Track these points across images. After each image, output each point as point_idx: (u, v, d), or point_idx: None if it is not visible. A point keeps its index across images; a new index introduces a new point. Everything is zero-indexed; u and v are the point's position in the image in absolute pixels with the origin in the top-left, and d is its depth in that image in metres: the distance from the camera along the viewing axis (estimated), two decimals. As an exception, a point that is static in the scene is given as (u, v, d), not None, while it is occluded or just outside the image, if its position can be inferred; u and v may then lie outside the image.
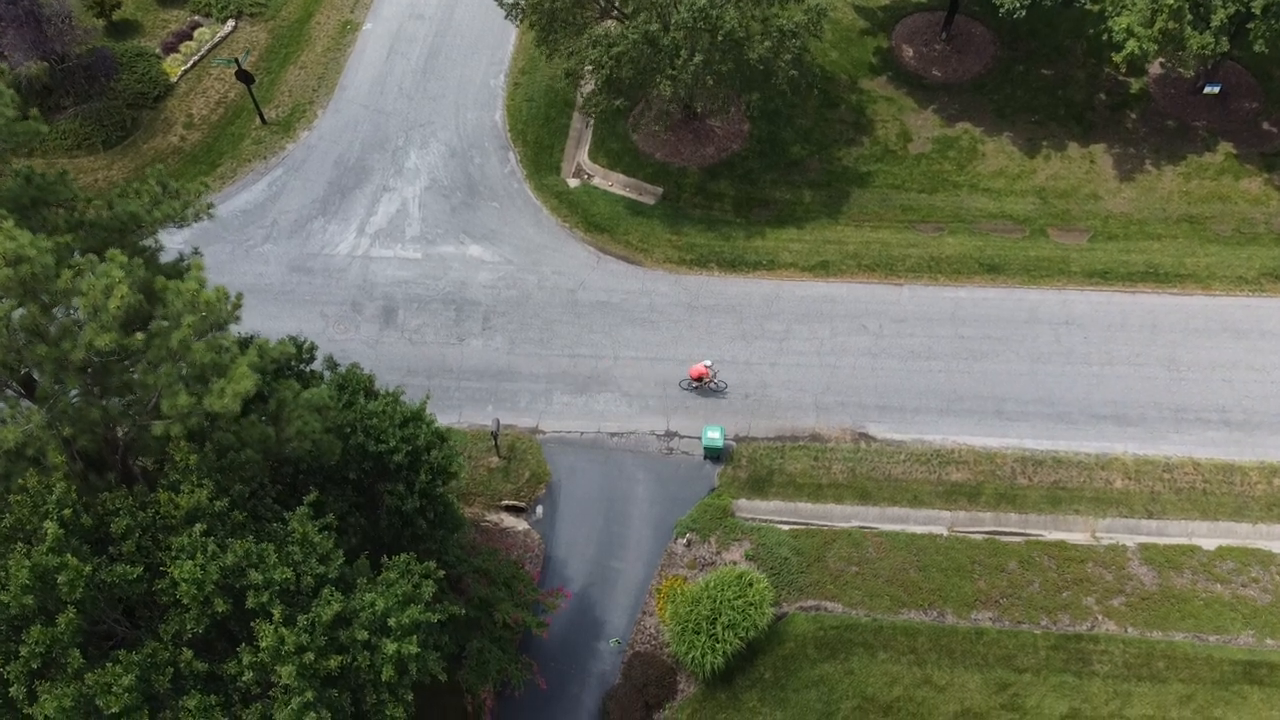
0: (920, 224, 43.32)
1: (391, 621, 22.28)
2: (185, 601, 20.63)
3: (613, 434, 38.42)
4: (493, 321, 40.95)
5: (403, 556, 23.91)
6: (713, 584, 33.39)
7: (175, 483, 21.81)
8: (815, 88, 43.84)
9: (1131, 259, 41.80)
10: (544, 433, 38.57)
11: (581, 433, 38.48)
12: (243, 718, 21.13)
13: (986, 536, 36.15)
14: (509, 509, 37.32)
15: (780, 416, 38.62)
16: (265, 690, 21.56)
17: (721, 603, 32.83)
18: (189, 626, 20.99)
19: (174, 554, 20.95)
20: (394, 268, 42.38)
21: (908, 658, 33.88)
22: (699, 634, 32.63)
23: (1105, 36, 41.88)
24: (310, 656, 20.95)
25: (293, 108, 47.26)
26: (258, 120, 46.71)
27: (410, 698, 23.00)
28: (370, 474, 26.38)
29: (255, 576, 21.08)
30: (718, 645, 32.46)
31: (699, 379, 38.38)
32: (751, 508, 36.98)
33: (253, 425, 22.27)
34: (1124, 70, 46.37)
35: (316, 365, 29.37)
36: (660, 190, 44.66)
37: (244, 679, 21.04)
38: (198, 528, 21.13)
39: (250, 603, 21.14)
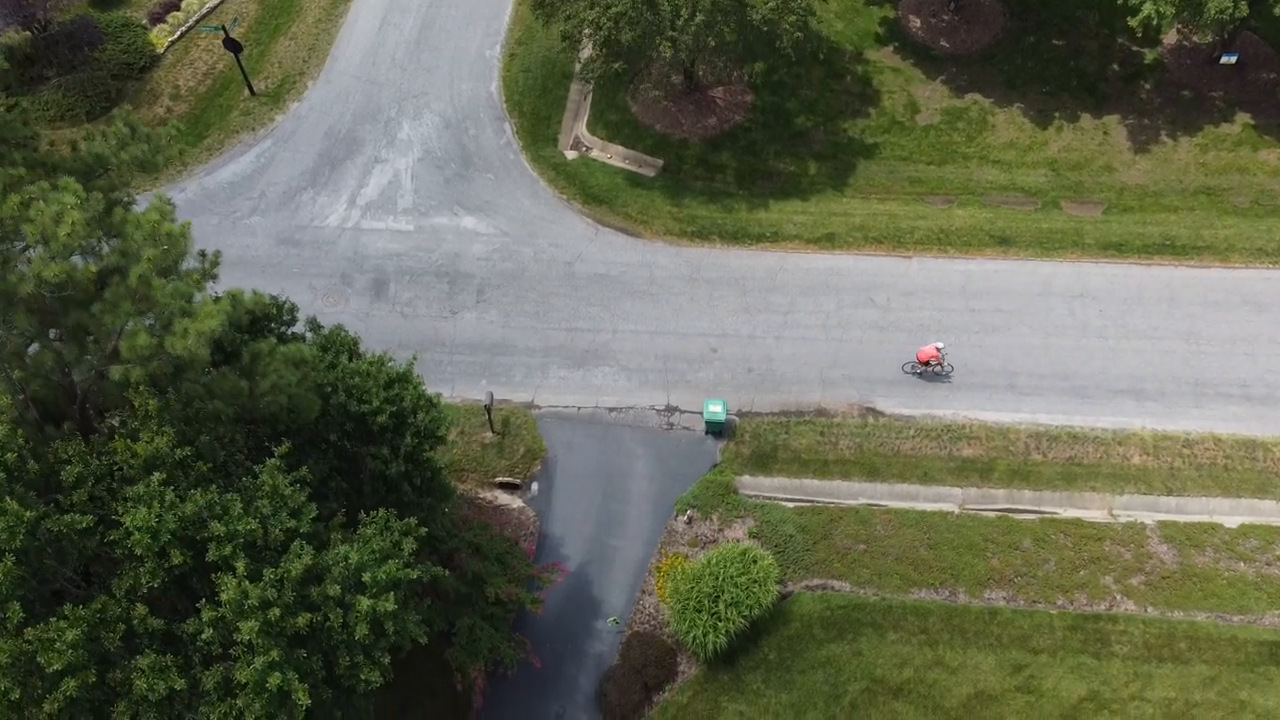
0: (929, 196, 41.96)
1: (366, 577, 20.84)
2: (139, 553, 19.21)
3: (611, 409, 37.03)
4: (487, 294, 39.59)
5: (381, 512, 22.50)
6: (715, 561, 31.99)
7: (134, 431, 20.40)
8: (821, 53, 42.54)
9: (1148, 231, 40.43)
10: (539, 408, 37.18)
11: (579, 408, 37.09)
12: (202, 681, 19.68)
13: (999, 514, 34.75)
14: (503, 486, 35.92)
15: (785, 391, 37.23)
16: (228, 651, 20.12)
17: (724, 580, 31.44)
18: (144, 581, 19.58)
19: (128, 503, 19.53)
20: (385, 240, 41.04)
21: (918, 638, 32.46)
22: (700, 612, 31.22)
23: (1120, 1, 40.56)
24: (276, 613, 19.53)
25: (282, 79, 45.95)
26: (246, 92, 45.39)
27: (387, 661, 21.51)
28: (352, 436, 24.97)
29: (217, 528, 19.67)
30: (720, 624, 31.05)
31: (927, 363, 36.34)
32: (755, 484, 35.58)
33: (224, 377, 20.90)
34: (1139, 39, 45.04)
35: (299, 329, 27.99)
36: (660, 162, 43.32)
37: (203, 638, 19.61)
38: (156, 476, 19.73)
39: (211, 555, 19.71)
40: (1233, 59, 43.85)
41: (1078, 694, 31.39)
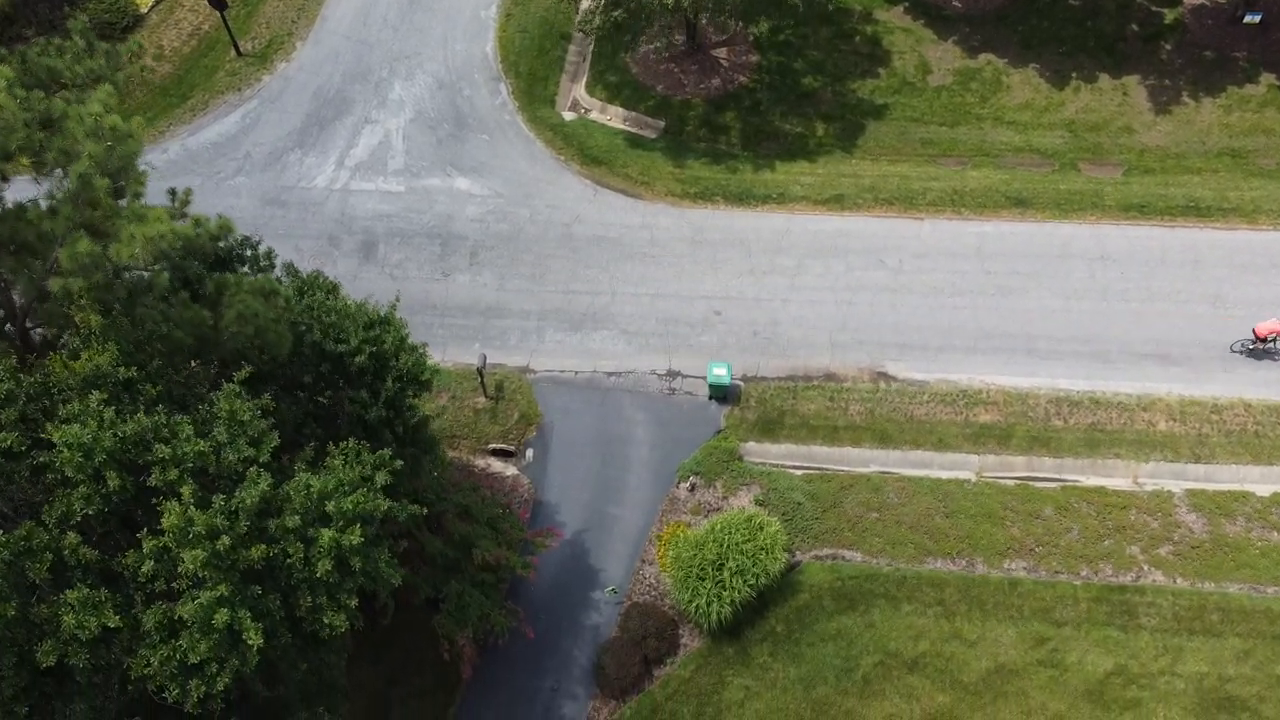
0: (941, 158, 40.28)
1: (330, 507, 18.98)
2: (70, 474, 17.38)
3: (610, 373, 35.29)
4: (481, 256, 37.89)
5: (351, 441, 20.67)
6: (719, 527, 30.22)
7: (76, 350, 18.63)
8: (830, 4, 40.90)
9: (1170, 193, 38.72)
10: (535, 372, 35.45)
11: (576, 372, 35.35)
12: (142, 621, 17.79)
13: (1018, 482, 32.98)
14: (496, 453, 34.16)
15: (792, 355, 35.49)
16: (173, 589, 18.21)
17: (729, 547, 29.66)
18: (77, 508, 17.76)
19: (61, 420, 17.72)
20: (375, 201, 39.36)
21: (934, 610, 30.67)
22: (704, 581, 29.44)
23: (1141, -46, 38.99)
24: (225, 542, 17.68)
25: (270, 39, 44.33)
26: (233, 52, 43.78)
27: (354, 604, 19.55)
28: (328, 379, 23.16)
29: (162, 451, 17.87)
30: (724, 593, 29.27)
31: (1266, 339, 33.78)
32: (761, 451, 33.82)
33: (184, 305, 19.17)
34: (1158, -1, 43.43)
35: (276, 274, 26.26)
36: (662, 124, 41.66)
37: (144, 571, 17.75)
38: (95, 396, 17.96)
39: (154, 480, 17.90)
40: (1257, 18, 42.21)
41: (1104, 668, 29.59)
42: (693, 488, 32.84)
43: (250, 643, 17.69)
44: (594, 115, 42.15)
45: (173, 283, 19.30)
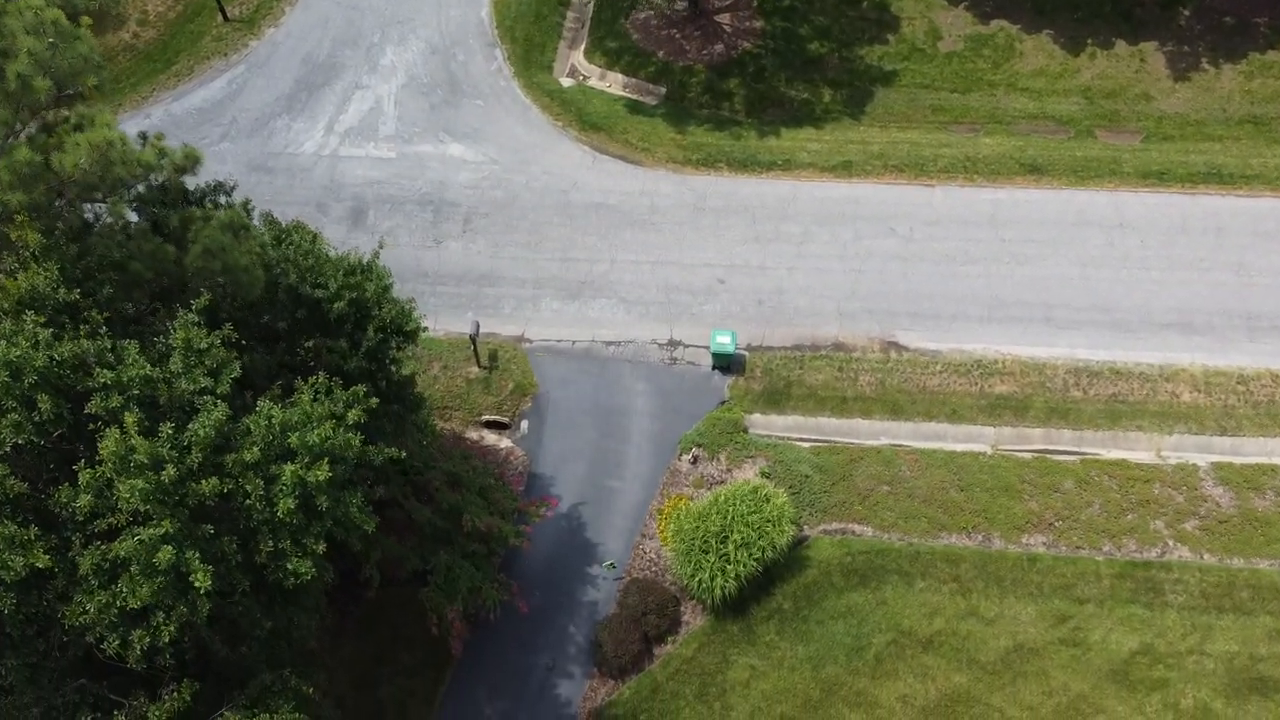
0: (953, 125, 38.83)
1: (294, 440, 17.37)
2: None
3: (609, 343, 33.82)
4: (474, 223, 36.43)
5: (321, 376, 19.08)
6: (723, 499, 28.75)
7: (12, 270, 17.12)
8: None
9: (1191, 160, 37.27)
10: (530, 341, 33.97)
11: (573, 341, 33.87)
12: (79, 564, 16.17)
13: (1036, 455, 31.50)
14: (490, 425, 32.69)
15: (799, 324, 34.03)
16: (113, 527, 16.60)
17: (734, 518, 28.17)
18: (6, 436, 16.16)
19: None
20: (365, 167, 37.89)
21: (949, 586, 29.20)
22: (707, 554, 27.96)
23: (1160, -88, 37.62)
24: (171, 473, 16.10)
25: (258, 4, 42.83)
26: (220, 17, 42.32)
27: (321, 550, 17.85)
28: (305, 325, 21.60)
29: (104, 375, 16.28)
30: (729, 567, 27.78)
31: None
32: (766, 423, 32.35)
33: (145, 236, 17.66)
34: (1175, -36, 41.99)
35: (254, 222, 24.76)
36: (663, 90, 40.22)
37: (79, 506, 16.15)
38: (30, 316, 16.41)
39: (94, 406, 16.33)
40: (1278, -17, 40.82)
41: (1129, 647, 28.11)
42: (695, 460, 31.36)
43: (198, 586, 16.03)
44: (593, 82, 40.72)
45: (141, 221, 17.85)
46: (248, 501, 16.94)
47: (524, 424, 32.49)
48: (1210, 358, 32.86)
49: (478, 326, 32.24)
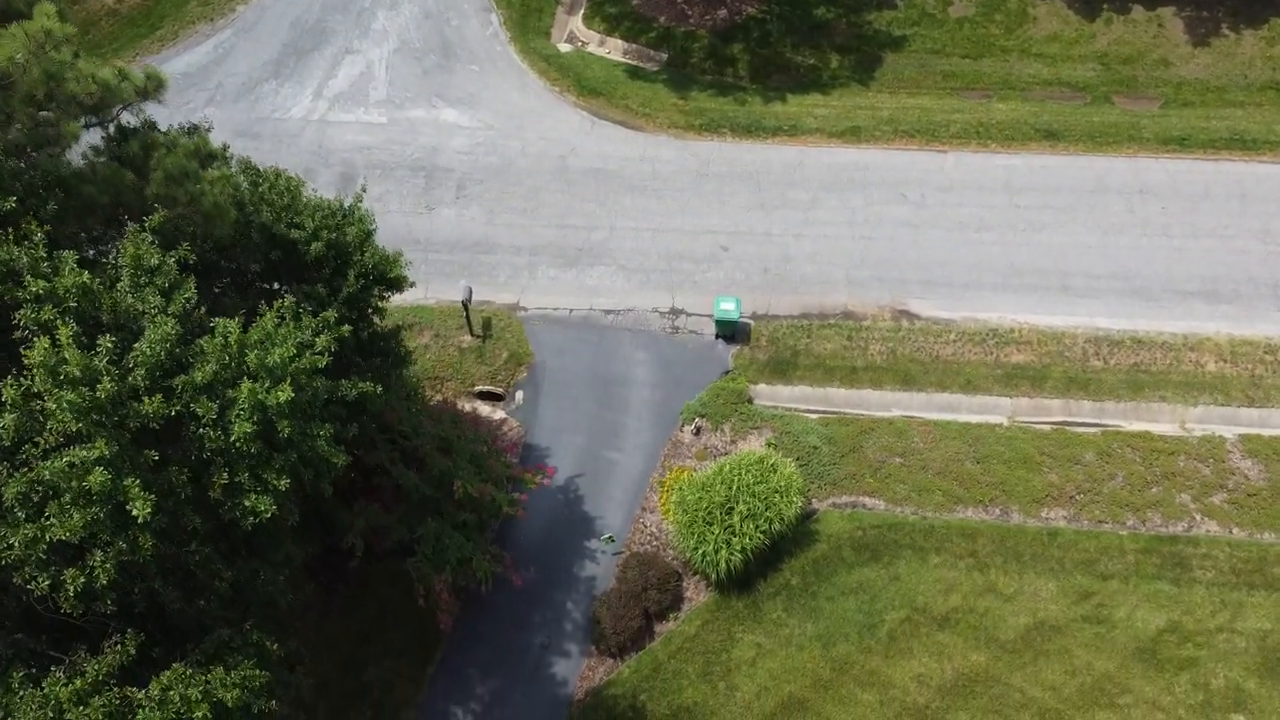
0: (964, 91, 37.48)
1: (252, 358, 15.85)
2: None
3: (608, 311, 32.40)
4: (468, 189, 35.02)
5: (287, 299, 17.54)
6: (727, 468, 27.28)
7: None
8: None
9: (1212, 125, 35.91)
10: (526, 310, 32.56)
11: (571, 310, 32.46)
12: (3, 493, 14.62)
13: (1055, 427, 30.08)
14: (483, 396, 31.25)
15: (806, 292, 32.62)
16: (45, 448, 14.99)
17: (739, 488, 26.72)
18: None
19: None
20: (354, 132, 36.49)
21: (966, 561, 27.74)
22: (711, 525, 26.49)
23: None
24: (108, 387, 14.54)
25: (246, -31, 41.54)
26: (206, -18, 40.98)
27: (285, 486, 16.08)
28: (279, 269, 20.11)
29: (36, 284, 14.77)
30: (734, 539, 26.31)
31: None
32: (772, 394, 30.92)
33: (99, 156, 16.21)
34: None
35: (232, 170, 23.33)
36: (664, 56, 38.86)
37: (3, 427, 14.50)
38: None
39: (22, 318, 14.76)
40: (1300, -53, 39.50)
41: (1156, 625, 26.64)
42: (698, 431, 29.93)
43: (137, 515, 14.37)
44: (592, 48, 39.36)
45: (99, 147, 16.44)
46: (201, 430, 15.42)
47: (519, 394, 31.06)
48: (1236, 326, 31.47)
49: (470, 292, 30.83)
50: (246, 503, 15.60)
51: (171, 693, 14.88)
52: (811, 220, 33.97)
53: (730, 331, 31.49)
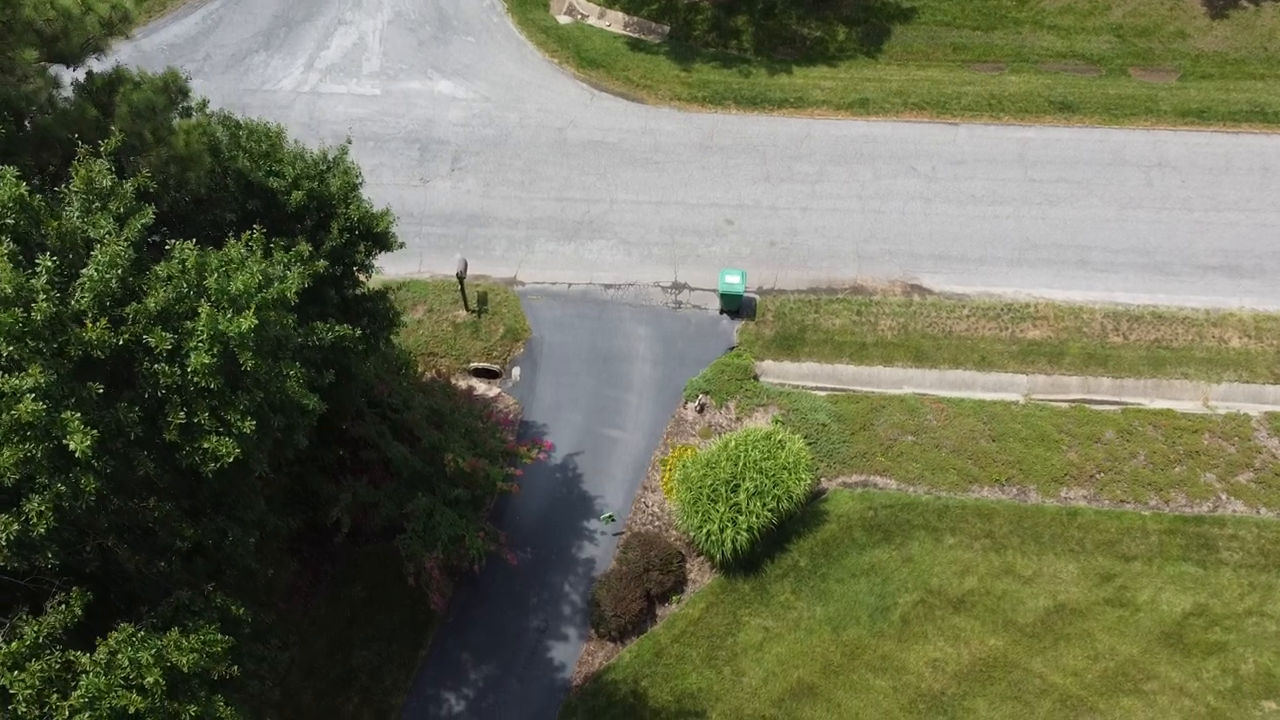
0: (975, 64, 36.32)
1: (210, 283, 14.54)
2: None
3: (608, 285, 31.24)
4: (464, 162, 33.87)
5: (257, 230, 16.21)
6: (733, 444, 26.10)
7: None
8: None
9: (1232, 98, 34.77)
10: (523, 284, 31.39)
11: (570, 284, 31.30)
12: None
13: (1073, 404, 28.93)
14: (478, 373, 30.07)
15: (814, 266, 31.46)
16: None
17: (745, 465, 25.53)
18: None
19: None
20: (347, 104, 35.35)
21: (982, 542, 26.56)
22: (716, 503, 25.30)
23: None
24: (45, 308, 13.20)
25: (236, -60, 40.41)
26: (195, -46, 39.84)
27: (250, 429, 14.55)
28: (257, 219, 18.90)
29: None
30: (740, 518, 25.12)
31: None
32: (779, 370, 29.77)
33: (56, 87, 15.02)
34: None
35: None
36: (666, 29, 37.72)
37: None
38: None
39: None
40: (1320, -82, 38.38)
41: (1181, 608, 25.46)
42: (702, 408, 28.75)
43: (75, 449, 12.98)
44: (592, 20, 38.23)
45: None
46: (155, 366, 14.03)
47: (515, 371, 29.87)
48: (1260, 302, 30.31)
49: (465, 264, 29.63)
50: (206, 445, 14.23)
51: (120, 656, 13.64)
52: (819, 193, 32.82)
53: (735, 306, 30.33)
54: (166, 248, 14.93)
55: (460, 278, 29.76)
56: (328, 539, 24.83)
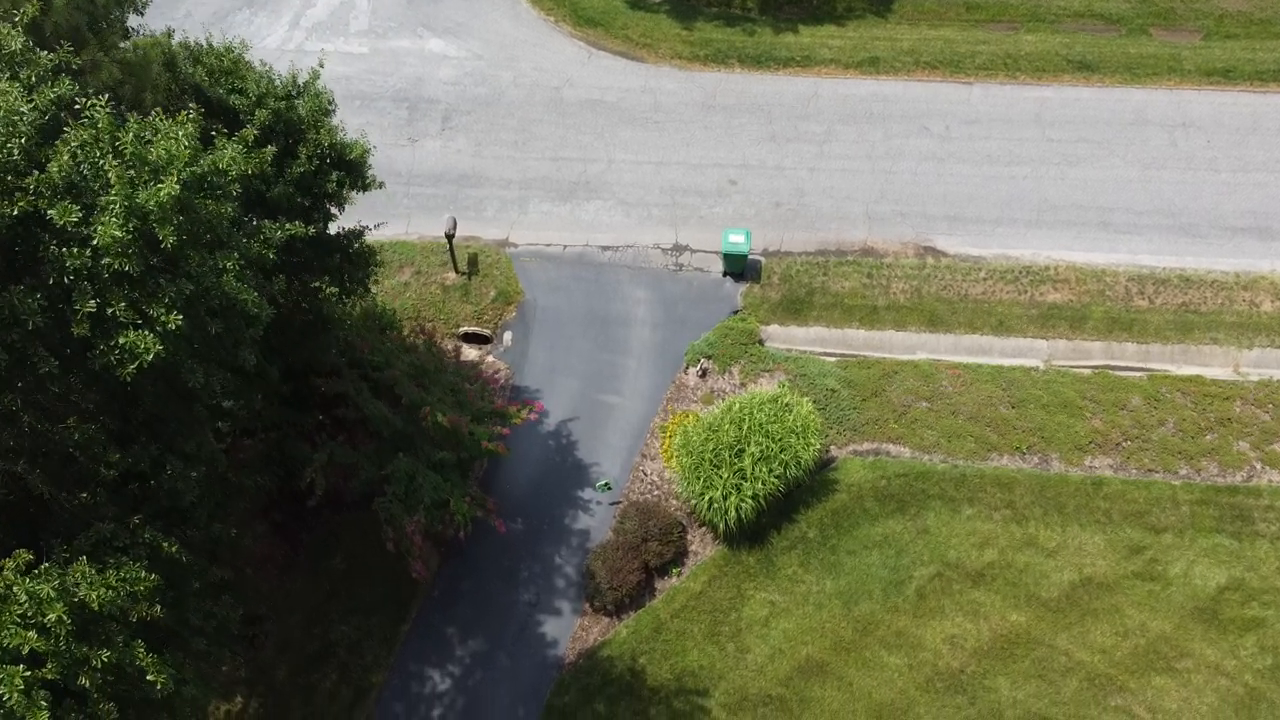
0: (989, 23, 34.80)
1: (127, 144, 12.63)
2: None
3: (605, 247, 29.69)
4: (455, 121, 32.32)
5: (194, 111, 14.48)
6: (738, 407, 24.51)
7: None
8: None
9: (1259, 57, 33.25)
10: (515, 245, 29.84)
11: (565, 246, 29.75)
12: None
13: (1096, 370, 27.36)
14: (468, 338, 28.51)
15: (822, 228, 29.91)
16: None
17: (750, 428, 23.94)
18: None
19: None
20: (334, 63, 33.55)
21: (1002, 513, 24.97)
22: (719, 469, 23.70)
23: None
24: None
25: (221, -102, 38.93)
26: (178, -88, 38.35)
27: (177, 325, 12.59)
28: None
29: None
30: (745, 484, 23.52)
31: None
32: (786, 334, 28.21)
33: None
34: None
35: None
36: (667, -12, 36.27)
37: None
38: None
39: None
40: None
41: (1216, 582, 23.86)
42: (704, 373, 27.18)
43: None
44: (589, -19, 36.74)
45: None
46: (60, 249, 12.01)
47: (507, 335, 28.31)
48: (1292, 265, 28.83)
49: (454, 224, 28.06)
50: (122, 340, 12.40)
51: (16, 589, 11.97)
52: (827, 154, 31.27)
53: (739, 268, 28.77)
54: (76, 106, 13.33)
55: (449, 238, 28.20)
56: (304, 506, 23.25)
